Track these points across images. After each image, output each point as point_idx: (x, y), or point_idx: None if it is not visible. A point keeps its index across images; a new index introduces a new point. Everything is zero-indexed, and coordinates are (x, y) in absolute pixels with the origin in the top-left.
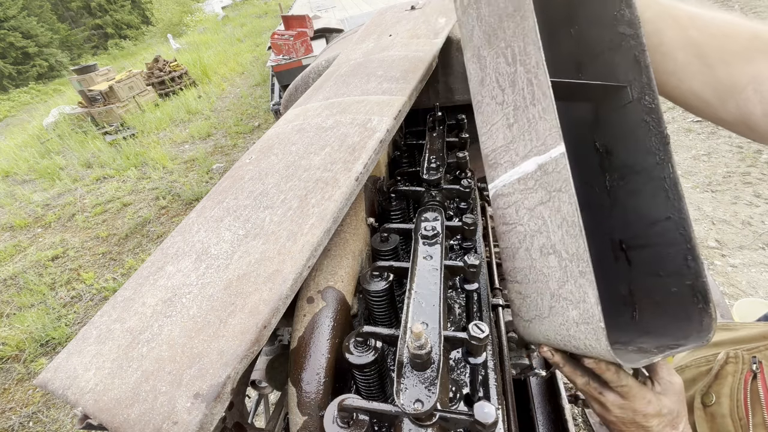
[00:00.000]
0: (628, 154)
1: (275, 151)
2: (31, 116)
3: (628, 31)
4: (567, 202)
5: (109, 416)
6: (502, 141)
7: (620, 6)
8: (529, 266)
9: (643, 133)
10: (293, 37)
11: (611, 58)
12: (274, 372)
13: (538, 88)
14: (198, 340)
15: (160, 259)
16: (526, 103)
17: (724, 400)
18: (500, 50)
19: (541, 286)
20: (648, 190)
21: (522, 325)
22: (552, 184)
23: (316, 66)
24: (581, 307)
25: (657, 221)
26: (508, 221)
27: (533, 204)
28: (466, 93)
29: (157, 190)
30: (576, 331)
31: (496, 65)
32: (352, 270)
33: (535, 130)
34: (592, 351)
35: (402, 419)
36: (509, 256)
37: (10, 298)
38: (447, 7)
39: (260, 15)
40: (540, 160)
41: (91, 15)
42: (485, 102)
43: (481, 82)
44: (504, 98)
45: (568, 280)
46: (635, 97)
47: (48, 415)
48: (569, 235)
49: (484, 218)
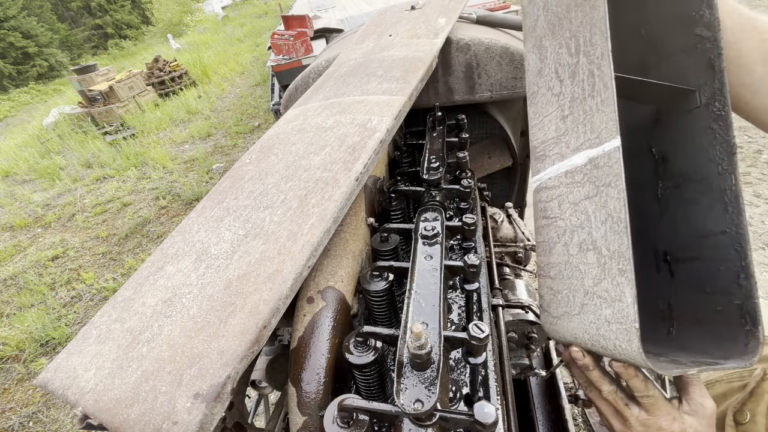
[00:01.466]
0: (687, 162)
1: (275, 151)
2: (31, 116)
3: (705, 33)
4: (615, 197)
5: (109, 416)
6: (553, 133)
7: (700, 6)
8: (565, 262)
9: (708, 141)
10: (293, 37)
11: (682, 61)
12: (274, 372)
13: (599, 79)
14: (198, 340)
15: (160, 259)
16: (584, 94)
17: (760, 419)
18: (564, 40)
19: (575, 283)
20: (705, 200)
21: (549, 321)
22: (601, 179)
23: (316, 66)
24: (616, 305)
25: (711, 234)
26: (548, 215)
27: (578, 198)
28: (466, 93)
29: (157, 190)
30: (607, 331)
31: (557, 56)
32: (352, 270)
33: (590, 123)
34: (622, 353)
35: (402, 419)
36: (545, 250)
37: (10, 298)
38: (447, 7)
39: (260, 15)
40: (591, 154)
41: (91, 15)
42: (540, 93)
43: (539, 72)
44: (561, 89)
45: (605, 278)
46: (703, 103)
47: (48, 415)
48: (613, 232)
49: (484, 218)
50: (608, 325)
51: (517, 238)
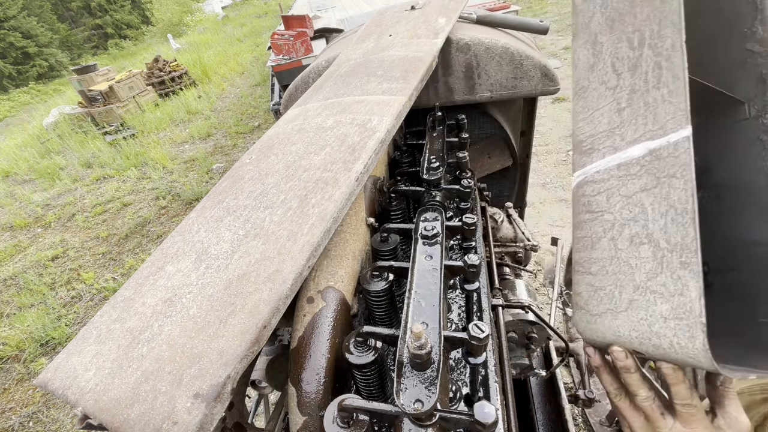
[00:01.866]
0: (730, 173)
1: (275, 151)
2: (31, 116)
3: (757, 48)
4: (681, 188)
5: (109, 416)
6: (606, 126)
7: (753, 23)
8: (611, 257)
9: (757, 152)
10: (293, 37)
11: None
12: (274, 372)
13: (668, 71)
14: (198, 340)
15: (160, 259)
16: (647, 86)
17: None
18: (624, 35)
19: (622, 278)
20: (749, 211)
21: (586, 319)
22: (663, 170)
23: (316, 66)
24: (675, 300)
25: (754, 245)
26: (593, 209)
27: (632, 191)
28: (466, 93)
29: (157, 190)
30: (662, 328)
31: (615, 50)
32: (352, 270)
33: (653, 114)
34: (680, 352)
35: (402, 419)
36: (587, 246)
37: (10, 298)
38: (447, 7)
39: (260, 15)
40: (652, 145)
41: (91, 15)
42: (591, 87)
43: (592, 67)
44: (618, 83)
45: (663, 272)
46: (752, 115)
47: (48, 415)
48: (675, 224)
49: (484, 218)
50: (664, 321)
51: (517, 238)
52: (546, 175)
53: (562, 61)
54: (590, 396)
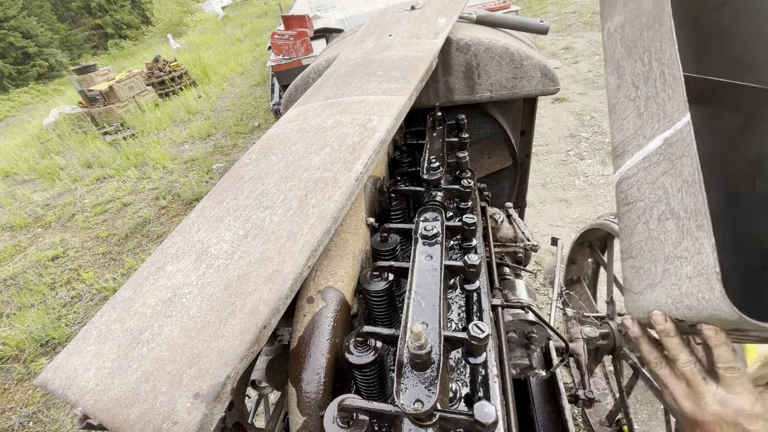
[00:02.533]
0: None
1: (275, 151)
2: (31, 116)
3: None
4: (689, 165)
5: (109, 416)
6: (631, 130)
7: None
8: (646, 238)
9: None
10: (293, 37)
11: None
12: (274, 372)
13: (669, 75)
14: (198, 340)
15: (160, 259)
16: (656, 90)
17: None
18: (638, 56)
19: (655, 254)
20: None
21: (632, 299)
22: (675, 153)
23: (316, 66)
24: (695, 259)
25: None
26: (629, 201)
27: (655, 176)
28: (466, 93)
29: (157, 190)
30: (689, 287)
31: (632, 69)
32: (352, 270)
33: (663, 111)
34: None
35: (402, 419)
36: (627, 234)
37: (10, 298)
38: (447, 7)
39: (260, 15)
40: (666, 135)
41: (91, 15)
42: (620, 102)
43: (618, 87)
44: (637, 94)
45: (684, 238)
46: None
47: (48, 415)
48: (689, 194)
49: (484, 218)
50: (689, 281)
51: (517, 238)
52: (546, 175)
53: (562, 61)
54: (590, 396)
